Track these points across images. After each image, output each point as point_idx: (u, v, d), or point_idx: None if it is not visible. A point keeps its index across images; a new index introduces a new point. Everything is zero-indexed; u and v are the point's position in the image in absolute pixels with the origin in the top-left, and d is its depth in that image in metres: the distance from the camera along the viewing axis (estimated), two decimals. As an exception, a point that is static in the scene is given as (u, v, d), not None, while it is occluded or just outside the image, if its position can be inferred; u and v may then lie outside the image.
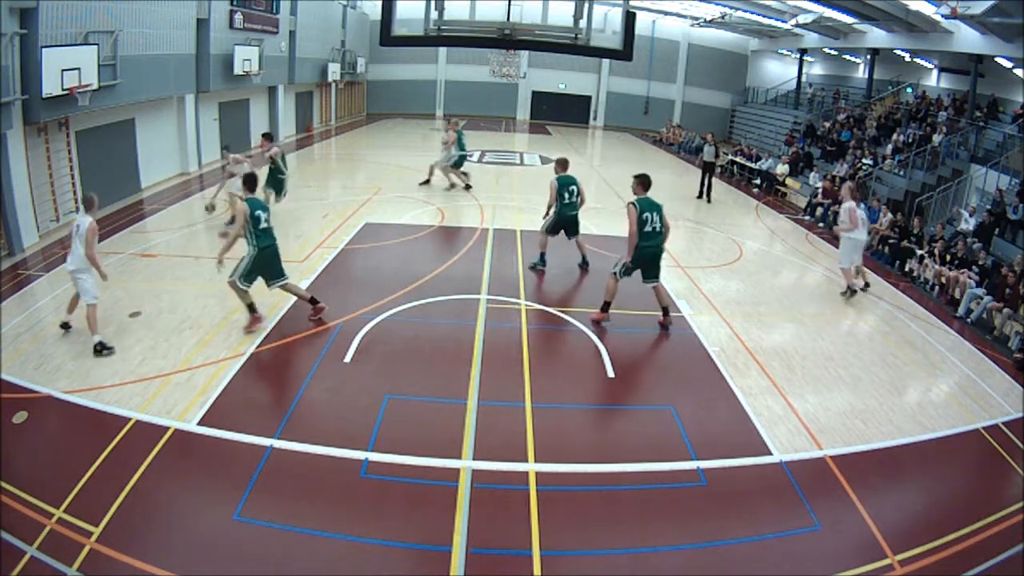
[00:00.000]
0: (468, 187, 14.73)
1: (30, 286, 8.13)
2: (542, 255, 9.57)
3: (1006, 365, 7.80)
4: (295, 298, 7.59)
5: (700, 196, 16.17)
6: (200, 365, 6.25)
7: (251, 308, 7.01)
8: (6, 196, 9.12)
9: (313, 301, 7.38)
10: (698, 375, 6.83)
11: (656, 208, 7.37)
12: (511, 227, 11.86)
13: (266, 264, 6.92)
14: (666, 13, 29.28)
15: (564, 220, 9.28)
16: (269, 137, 11.39)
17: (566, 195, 9.13)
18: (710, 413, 6.06)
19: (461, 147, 14.42)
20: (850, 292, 9.52)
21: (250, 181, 7.22)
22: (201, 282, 8.40)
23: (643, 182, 7.51)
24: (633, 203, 7.32)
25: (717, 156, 16.57)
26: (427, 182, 14.99)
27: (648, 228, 7.31)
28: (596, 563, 4.16)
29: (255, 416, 5.48)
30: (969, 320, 9.21)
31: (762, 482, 5.09)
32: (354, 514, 4.45)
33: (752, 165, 19.78)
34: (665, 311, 7.78)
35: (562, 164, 9.49)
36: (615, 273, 7.56)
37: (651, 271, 7.59)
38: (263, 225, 6.82)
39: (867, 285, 10.08)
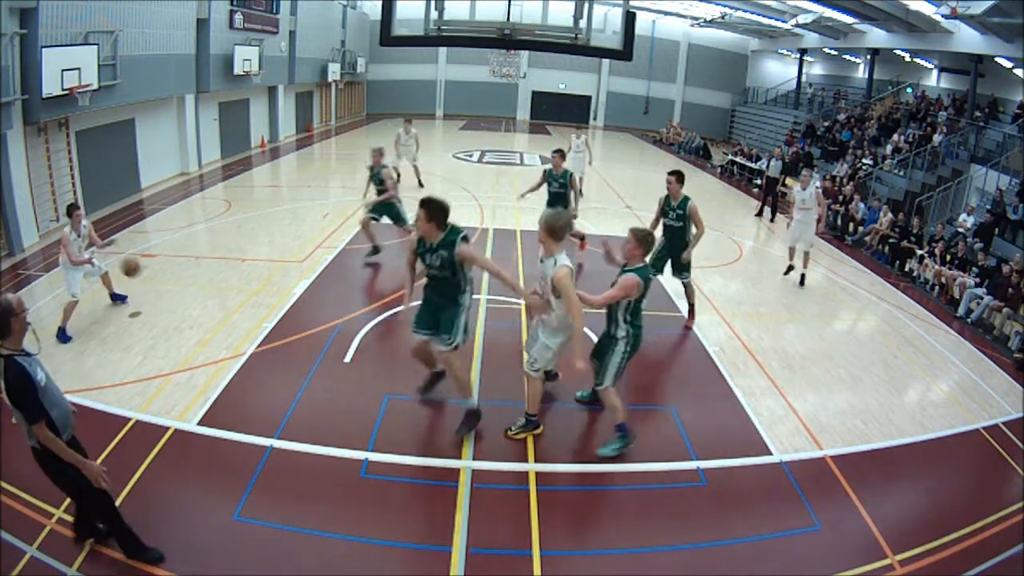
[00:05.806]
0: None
1: (30, 286, 8.13)
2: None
3: (1006, 365, 7.80)
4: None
5: (759, 214, 15.01)
6: (200, 365, 6.25)
7: None
8: (6, 196, 9.13)
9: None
10: (698, 375, 6.83)
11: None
12: (511, 227, 11.85)
13: None
14: (666, 13, 29.25)
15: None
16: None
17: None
18: (710, 413, 6.06)
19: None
20: None
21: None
22: (201, 282, 8.41)
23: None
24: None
25: (783, 173, 15.39)
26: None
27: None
28: (596, 563, 4.16)
29: (255, 416, 5.47)
30: (969, 320, 9.21)
31: (762, 482, 5.09)
32: (354, 514, 4.44)
33: (752, 165, 19.78)
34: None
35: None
36: None
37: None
38: None
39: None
